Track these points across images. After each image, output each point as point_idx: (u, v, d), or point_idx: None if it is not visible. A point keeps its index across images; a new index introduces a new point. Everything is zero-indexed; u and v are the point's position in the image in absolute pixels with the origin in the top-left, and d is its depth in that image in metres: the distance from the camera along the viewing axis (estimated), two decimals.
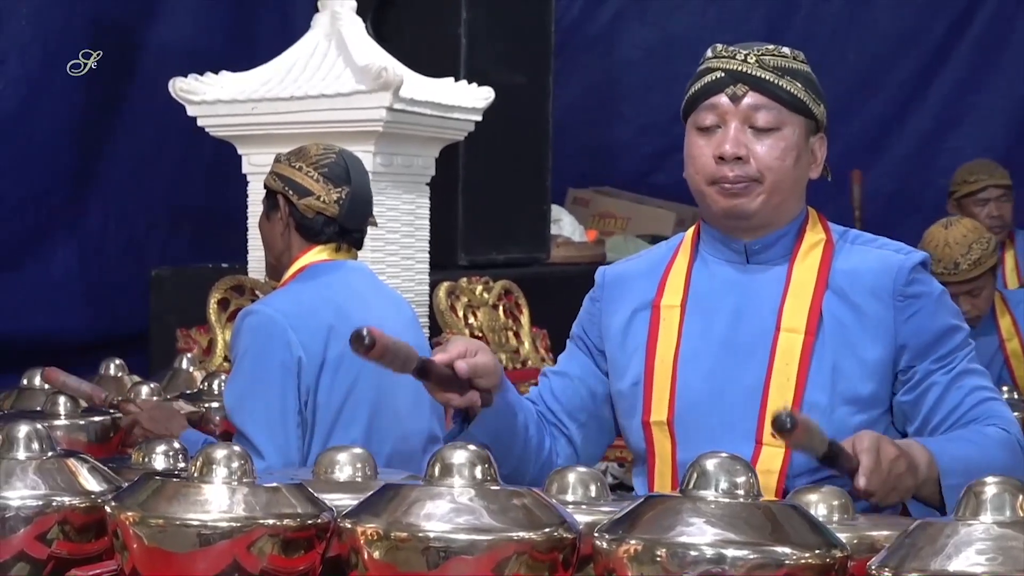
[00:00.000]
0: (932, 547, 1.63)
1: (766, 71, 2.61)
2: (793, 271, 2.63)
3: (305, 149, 3.73)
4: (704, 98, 2.63)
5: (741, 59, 2.62)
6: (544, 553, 1.78)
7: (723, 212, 2.63)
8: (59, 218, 6.46)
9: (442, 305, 4.93)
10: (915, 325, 2.59)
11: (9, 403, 3.98)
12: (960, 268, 4.99)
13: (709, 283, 2.68)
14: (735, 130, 2.60)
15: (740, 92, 2.60)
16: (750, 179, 2.60)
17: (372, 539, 1.79)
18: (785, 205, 2.64)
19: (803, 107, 2.63)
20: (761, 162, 2.60)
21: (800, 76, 2.63)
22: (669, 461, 2.64)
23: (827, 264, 2.63)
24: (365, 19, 5.28)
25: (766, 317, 2.61)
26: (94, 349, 5.49)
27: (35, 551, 2.00)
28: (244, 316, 3.58)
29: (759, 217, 2.62)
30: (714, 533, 1.69)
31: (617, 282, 2.79)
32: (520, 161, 6.21)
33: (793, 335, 2.58)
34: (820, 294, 2.60)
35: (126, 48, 6.56)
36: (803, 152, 2.65)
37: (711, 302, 2.66)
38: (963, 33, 8.22)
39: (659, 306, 2.69)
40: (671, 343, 2.66)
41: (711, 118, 2.62)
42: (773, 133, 2.61)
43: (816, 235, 2.67)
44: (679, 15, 8.51)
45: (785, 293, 2.62)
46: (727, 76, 2.62)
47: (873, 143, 8.24)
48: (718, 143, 2.61)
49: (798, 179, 2.65)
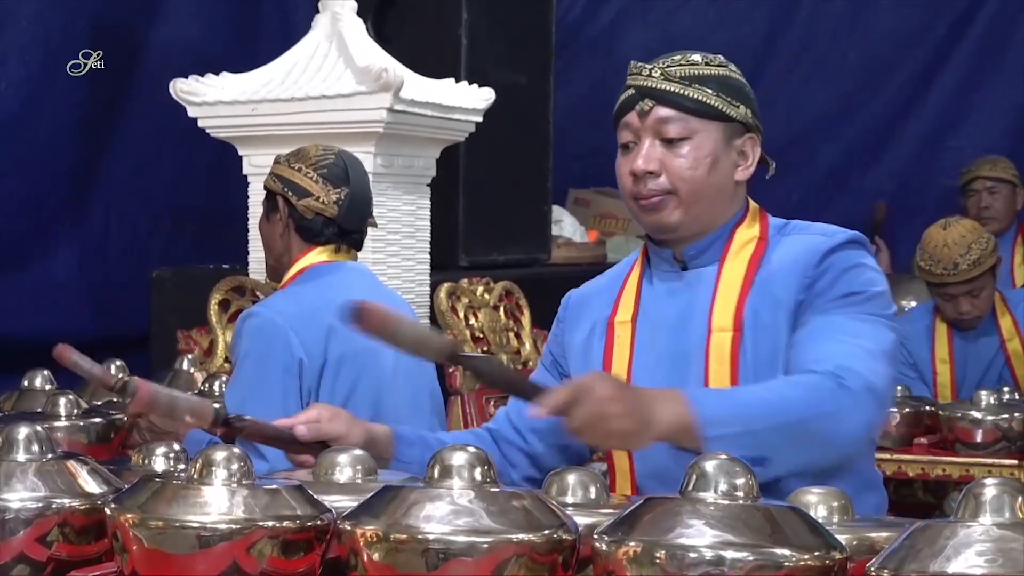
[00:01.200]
0: (931, 548, 1.63)
1: (671, 82, 2.64)
2: (722, 272, 2.65)
3: (304, 150, 3.73)
4: (620, 116, 2.70)
5: (647, 74, 2.67)
6: (544, 555, 1.78)
7: (648, 227, 2.69)
8: (60, 219, 6.46)
9: (443, 306, 4.92)
10: (814, 292, 2.57)
11: (10, 404, 3.98)
12: (959, 268, 5.00)
13: (654, 295, 2.72)
14: (647, 146, 2.64)
15: (647, 107, 2.65)
16: (664, 192, 2.63)
17: (372, 541, 1.79)
18: (710, 212, 2.66)
19: (715, 112, 2.64)
20: (673, 175, 2.63)
21: (712, 82, 2.65)
22: (628, 475, 2.68)
23: (756, 261, 2.64)
24: (366, 20, 5.27)
25: (702, 321, 2.63)
26: (95, 350, 5.43)
27: (35, 553, 2.00)
28: (245, 318, 3.58)
29: (683, 228, 2.65)
30: (713, 535, 1.69)
31: (579, 303, 2.85)
32: (521, 162, 6.20)
33: (724, 334, 2.60)
34: (746, 292, 2.61)
35: (127, 49, 6.56)
36: (722, 157, 2.65)
37: (656, 314, 2.70)
38: (964, 33, 8.21)
39: (613, 323, 2.73)
40: (624, 359, 2.69)
41: (627, 135, 2.68)
42: (684, 143, 2.63)
43: (749, 233, 2.68)
44: (680, 16, 8.50)
45: (715, 294, 2.63)
46: (636, 93, 2.67)
47: (874, 143, 8.24)
48: (632, 160, 2.65)
49: (719, 185, 2.66)
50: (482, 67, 5.74)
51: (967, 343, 5.21)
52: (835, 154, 8.24)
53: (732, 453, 2.24)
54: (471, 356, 2.54)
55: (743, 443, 2.30)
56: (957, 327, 5.19)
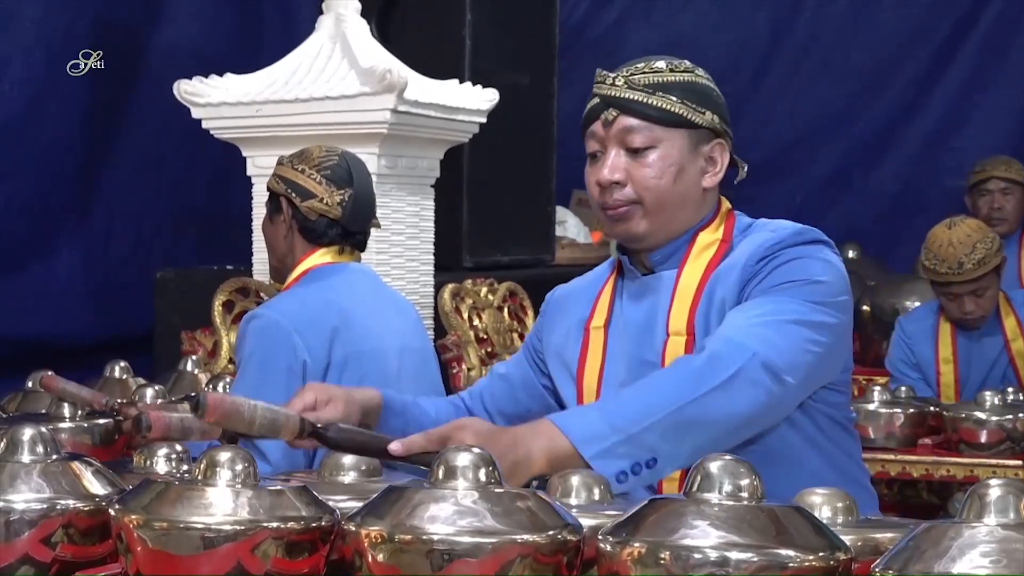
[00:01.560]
0: (936, 549, 1.63)
1: (635, 91, 2.61)
2: (681, 276, 2.64)
3: (307, 152, 3.73)
4: (587, 126, 2.68)
5: (611, 83, 2.63)
6: (548, 556, 1.78)
7: (616, 237, 2.69)
8: (64, 220, 6.47)
9: (447, 307, 4.92)
10: (749, 287, 2.55)
11: (14, 406, 3.99)
12: (964, 268, 4.99)
13: (624, 300, 2.72)
14: (613, 155, 2.63)
15: (611, 116, 2.63)
16: (630, 202, 2.62)
17: (376, 542, 1.78)
18: (676, 219, 2.65)
19: (680, 120, 2.62)
20: (638, 184, 2.62)
21: (676, 88, 2.62)
22: None
23: (715, 264, 2.63)
24: (369, 21, 5.28)
25: (662, 327, 2.63)
26: (99, 351, 5.49)
27: (39, 554, 2.00)
28: (249, 320, 3.58)
29: (650, 237, 2.65)
30: (718, 536, 1.69)
31: (560, 302, 2.86)
32: (525, 162, 6.21)
33: (679, 339, 2.60)
34: (699, 295, 2.60)
35: (131, 50, 6.57)
36: (688, 165, 2.64)
37: (625, 318, 2.70)
38: (968, 33, 8.21)
39: (589, 328, 2.74)
40: (596, 365, 2.70)
41: (594, 145, 2.66)
42: (650, 152, 2.62)
43: (711, 236, 2.67)
44: (683, 17, 8.50)
45: (672, 299, 2.63)
46: (601, 102, 2.65)
47: (878, 143, 8.24)
48: (599, 170, 2.64)
49: (685, 193, 2.64)
50: (486, 68, 5.74)
51: (971, 343, 5.21)
52: (838, 155, 8.24)
53: (620, 465, 2.29)
54: (324, 428, 2.52)
55: (625, 451, 2.30)
56: (961, 327, 5.19)
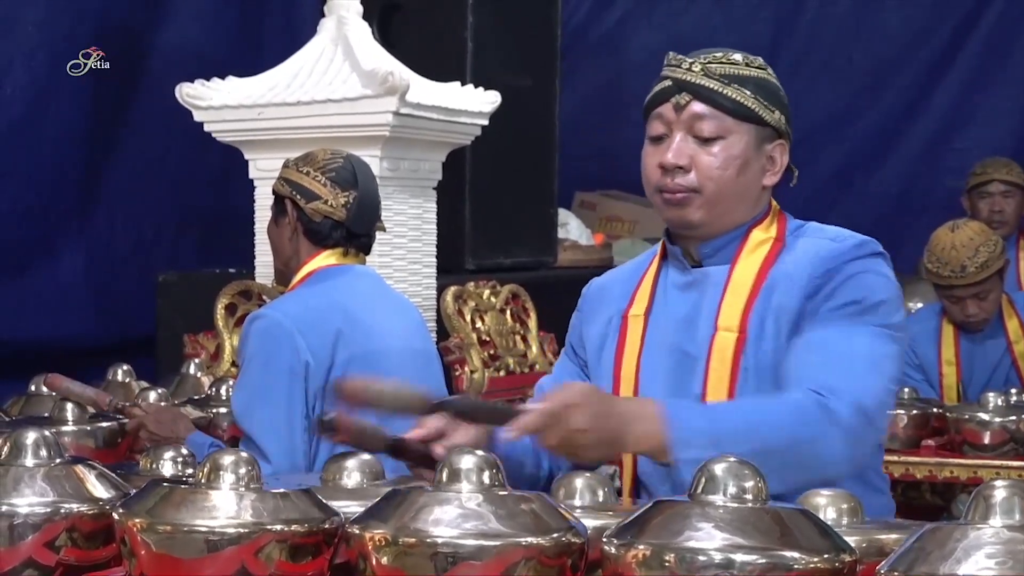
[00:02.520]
0: (941, 551, 1.63)
1: (711, 79, 2.61)
2: (734, 272, 2.63)
3: (313, 154, 3.73)
4: (653, 107, 2.66)
5: (686, 68, 2.63)
6: (552, 558, 1.78)
7: (669, 222, 2.68)
8: (66, 223, 6.46)
9: (449, 309, 4.93)
10: (815, 301, 2.55)
11: (17, 409, 3.99)
12: (967, 271, 4.99)
13: (667, 290, 2.70)
14: (679, 140, 2.62)
15: (683, 101, 2.62)
16: (690, 189, 2.61)
17: (380, 545, 1.79)
18: (731, 213, 2.65)
19: (751, 115, 2.62)
20: (702, 172, 2.61)
21: (750, 83, 2.63)
22: (631, 471, 2.66)
23: (769, 263, 2.63)
24: (371, 24, 5.28)
25: (709, 321, 2.62)
26: (101, 354, 5.48)
27: (43, 558, 2.00)
28: (252, 320, 3.58)
29: (704, 227, 2.64)
30: (723, 538, 1.69)
31: (598, 293, 2.83)
32: (527, 165, 6.21)
33: (728, 334, 2.58)
34: (755, 294, 2.60)
35: (132, 53, 6.56)
36: (752, 160, 2.63)
37: (668, 309, 2.69)
38: (970, 34, 8.20)
39: (627, 316, 2.72)
40: (634, 354, 2.68)
41: (659, 127, 2.65)
42: (717, 142, 2.61)
43: (765, 234, 2.66)
44: (685, 18, 8.50)
45: (723, 294, 2.62)
46: (673, 85, 2.64)
47: (880, 144, 8.24)
48: (662, 152, 2.63)
49: (745, 188, 2.64)
50: (488, 70, 5.74)
51: (974, 345, 5.20)
52: (840, 156, 8.23)
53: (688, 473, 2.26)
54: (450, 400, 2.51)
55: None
56: (964, 329, 5.19)
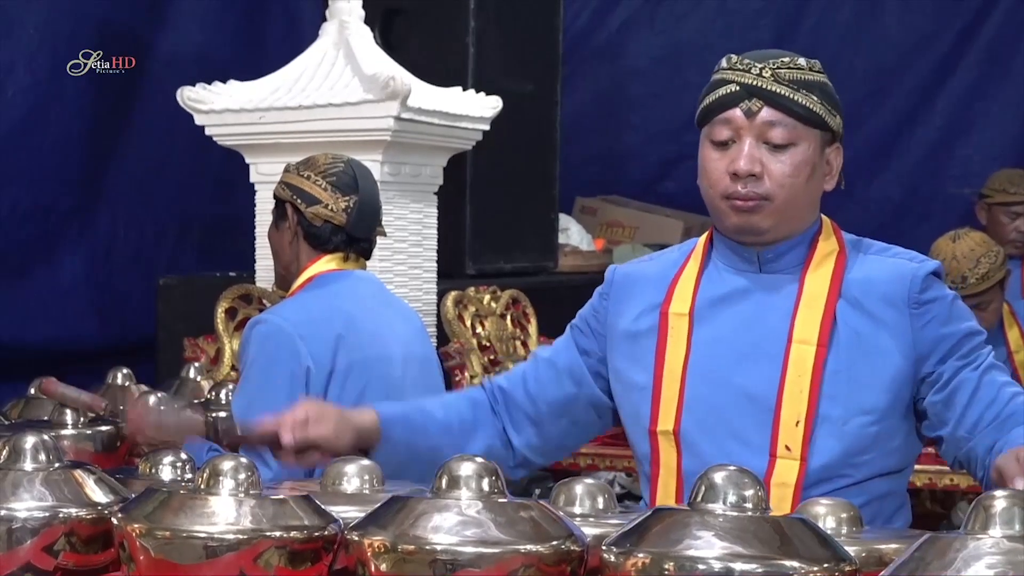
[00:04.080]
0: (941, 561, 1.62)
1: (781, 85, 2.58)
2: (806, 281, 2.62)
3: (313, 159, 3.73)
4: (719, 111, 2.60)
5: (756, 72, 2.59)
6: (551, 566, 1.78)
7: (735, 228, 2.62)
8: (66, 226, 6.46)
9: (450, 314, 4.92)
10: (933, 331, 2.57)
11: (16, 412, 3.97)
12: (968, 282, 4.98)
13: (720, 291, 2.66)
14: (749, 146, 2.58)
15: (755, 107, 2.58)
16: (761, 197, 2.57)
17: (379, 551, 1.78)
18: (798, 219, 2.63)
19: (819, 121, 2.60)
20: (774, 179, 2.58)
21: (816, 88, 2.61)
22: (674, 471, 2.63)
23: (840, 274, 2.62)
24: (373, 28, 5.28)
25: (777, 327, 2.60)
26: (101, 357, 5.48)
27: (41, 562, 2.00)
28: (253, 325, 3.58)
29: (771, 233, 2.62)
30: (722, 547, 1.69)
31: (627, 282, 2.78)
32: (528, 170, 6.21)
33: (805, 346, 2.56)
34: (833, 304, 2.59)
35: (134, 57, 6.56)
36: (818, 166, 2.63)
37: (721, 310, 2.65)
38: (972, 41, 8.20)
39: (667, 313, 2.67)
40: (680, 352, 2.64)
41: (726, 132, 2.60)
42: (788, 149, 2.58)
43: (829, 245, 2.65)
44: (688, 23, 8.49)
45: (797, 304, 2.60)
46: (742, 90, 2.59)
47: (882, 151, 8.23)
48: (732, 159, 2.58)
49: (811, 194, 2.63)
50: (489, 75, 5.74)
51: None
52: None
53: None
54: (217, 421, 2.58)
55: None
56: None
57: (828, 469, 2.54)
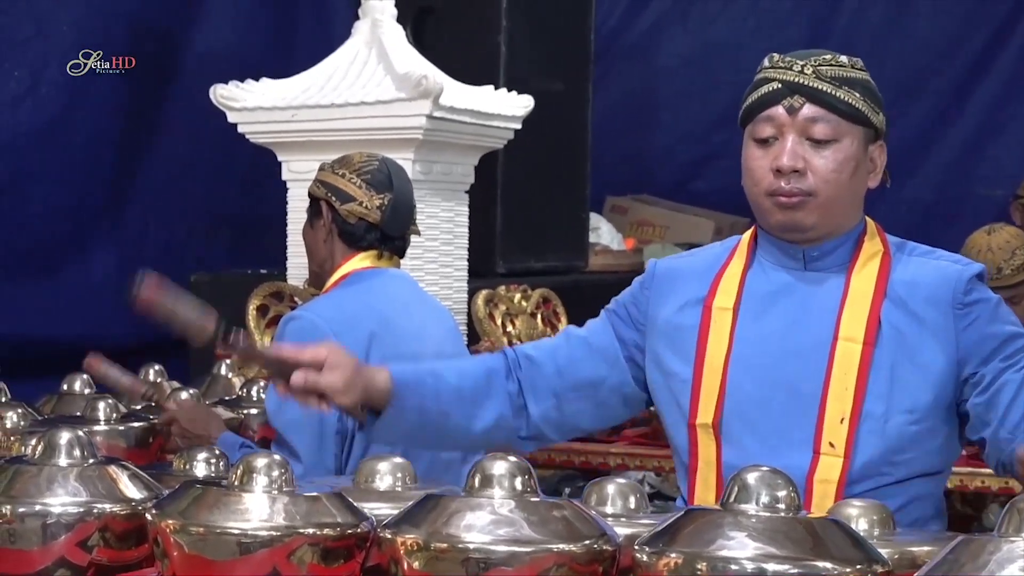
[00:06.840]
0: (974, 563, 1.62)
1: (823, 82, 2.59)
2: (851, 280, 2.62)
3: (348, 157, 3.74)
4: (761, 109, 2.62)
5: (798, 70, 2.60)
6: (584, 565, 1.78)
7: (779, 225, 2.63)
8: (98, 223, 6.48)
9: (480, 313, 4.92)
10: (976, 332, 2.58)
11: (49, 408, 4.00)
12: (1003, 274, 4.97)
13: (765, 287, 2.67)
14: (792, 143, 2.58)
15: (797, 104, 2.59)
16: (805, 193, 2.58)
17: (412, 549, 1.79)
18: (843, 216, 2.64)
19: (861, 117, 2.61)
20: (818, 175, 2.58)
21: (858, 85, 2.62)
22: (714, 465, 2.63)
23: (885, 274, 2.62)
24: (405, 27, 5.28)
25: (823, 325, 2.60)
26: (133, 354, 5.48)
27: (76, 558, 2.01)
28: (287, 321, 3.58)
29: (815, 230, 2.62)
30: (755, 547, 1.69)
31: (669, 275, 2.78)
32: (558, 169, 6.21)
33: (851, 344, 2.57)
34: (878, 304, 2.59)
35: (166, 54, 6.58)
36: (861, 163, 2.64)
37: (766, 306, 2.66)
38: (1004, 43, 8.17)
39: (711, 307, 2.68)
40: (722, 345, 2.65)
41: (768, 130, 2.61)
42: (831, 145, 2.59)
43: (874, 246, 2.66)
44: (719, 23, 8.49)
45: (843, 302, 2.61)
46: (784, 87, 2.60)
47: (913, 152, 8.20)
48: (775, 156, 2.59)
49: (855, 190, 2.64)
50: (521, 74, 5.75)
51: None
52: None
53: None
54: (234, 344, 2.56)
55: None
56: None
57: (870, 466, 2.54)
